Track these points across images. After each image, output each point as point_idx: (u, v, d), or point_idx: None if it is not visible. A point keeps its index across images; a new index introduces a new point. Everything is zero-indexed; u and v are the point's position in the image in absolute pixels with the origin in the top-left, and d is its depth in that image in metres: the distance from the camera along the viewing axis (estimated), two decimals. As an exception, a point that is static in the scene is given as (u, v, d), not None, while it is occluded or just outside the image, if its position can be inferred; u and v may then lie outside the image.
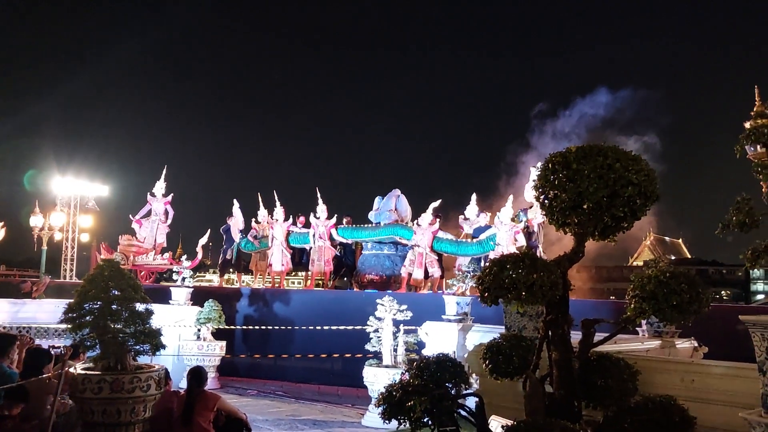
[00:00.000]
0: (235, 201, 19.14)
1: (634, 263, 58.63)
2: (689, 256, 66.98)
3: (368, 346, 11.01)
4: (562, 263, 4.66)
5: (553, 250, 15.16)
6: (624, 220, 4.48)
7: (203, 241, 19.45)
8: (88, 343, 6.63)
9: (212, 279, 28.17)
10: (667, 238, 68.51)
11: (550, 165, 4.56)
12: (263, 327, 14.90)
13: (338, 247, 18.08)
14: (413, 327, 11.03)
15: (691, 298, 4.27)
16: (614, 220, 4.47)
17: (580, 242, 4.69)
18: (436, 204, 16.50)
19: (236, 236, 18.93)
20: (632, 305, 4.44)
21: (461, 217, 17.13)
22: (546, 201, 4.60)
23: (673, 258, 60.72)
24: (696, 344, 9.61)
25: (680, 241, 72.59)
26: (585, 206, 4.37)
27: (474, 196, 17.12)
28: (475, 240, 16.01)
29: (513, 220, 15.38)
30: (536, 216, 15.17)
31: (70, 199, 25.65)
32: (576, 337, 4.75)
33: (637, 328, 9.64)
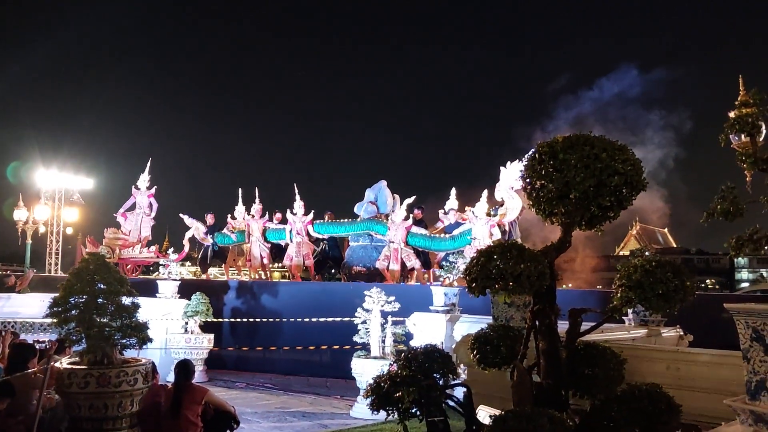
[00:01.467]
0: (181, 215, 19.26)
1: (621, 253, 58.99)
2: (675, 245, 67.57)
3: (356, 338, 11.01)
4: (549, 253, 4.67)
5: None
6: (611, 209, 4.50)
7: (190, 233, 19.36)
8: (74, 338, 6.56)
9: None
10: (657, 229, 68.91)
11: (537, 155, 4.57)
12: (251, 319, 14.87)
13: (322, 243, 18.10)
14: (401, 318, 11.05)
15: (676, 287, 4.30)
16: (601, 210, 4.49)
17: (567, 232, 4.70)
18: (410, 200, 16.54)
19: (204, 241, 19.15)
20: (619, 294, 4.46)
21: (441, 211, 17.11)
22: (533, 191, 4.61)
23: (658, 247, 61.20)
24: (681, 333, 9.71)
25: (666, 230, 73.09)
26: (572, 196, 4.38)
27: (453, 191, 17.08)
28: (448, 235, 16.03)
29: (488, 214, 15.38)
30: (508, 214, 15.17)
31: (55, 192, 25.42)
32: (563, 326, 4.77)
33: (623, 317, 9.71)
